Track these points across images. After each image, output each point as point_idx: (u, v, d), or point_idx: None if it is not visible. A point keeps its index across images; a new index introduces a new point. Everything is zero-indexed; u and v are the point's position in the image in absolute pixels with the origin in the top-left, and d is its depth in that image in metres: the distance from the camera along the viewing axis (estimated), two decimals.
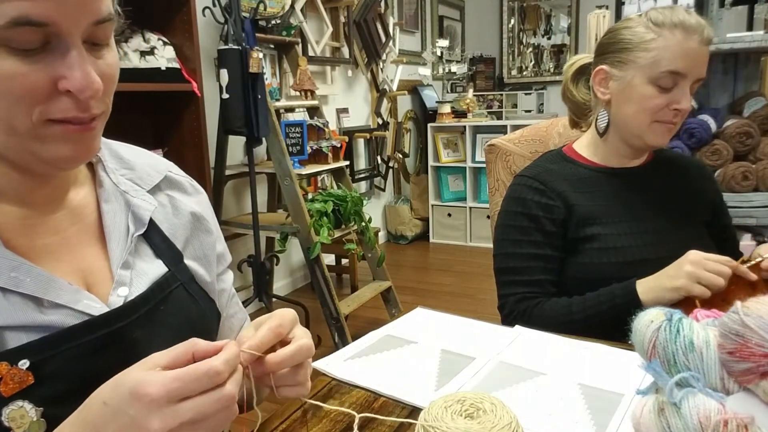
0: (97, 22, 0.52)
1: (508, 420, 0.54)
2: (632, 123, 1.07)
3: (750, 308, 0.48)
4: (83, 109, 0.53)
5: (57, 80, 0.51)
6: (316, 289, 2.73)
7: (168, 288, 0.67)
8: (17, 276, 0.54)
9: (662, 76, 1.01)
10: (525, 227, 1.12)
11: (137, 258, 0.66)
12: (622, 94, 1.07)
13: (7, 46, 0.48)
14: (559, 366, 0.79)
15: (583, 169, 1.16)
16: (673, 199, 1.13)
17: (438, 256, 4.43)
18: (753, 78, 2.34)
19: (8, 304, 0.54)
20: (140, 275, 0.65)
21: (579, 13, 5.13)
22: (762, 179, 2.06)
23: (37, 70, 0.50)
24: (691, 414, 0.49)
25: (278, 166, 2.63)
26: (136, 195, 0.69)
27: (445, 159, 4.70)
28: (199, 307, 0.70)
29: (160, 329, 0.64)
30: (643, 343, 0.56)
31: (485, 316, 1.00)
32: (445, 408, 0.57)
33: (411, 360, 0.83)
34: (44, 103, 0.51)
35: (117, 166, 0.70)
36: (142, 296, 0.63)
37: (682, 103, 1.01)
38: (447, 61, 5.03)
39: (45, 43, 0.50)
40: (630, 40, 1.04)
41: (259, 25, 2.73)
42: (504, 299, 1.13)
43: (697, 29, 0.99)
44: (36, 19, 0.48)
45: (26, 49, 0.49)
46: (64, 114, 0.52)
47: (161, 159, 0.77)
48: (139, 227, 0.67)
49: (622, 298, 0.98)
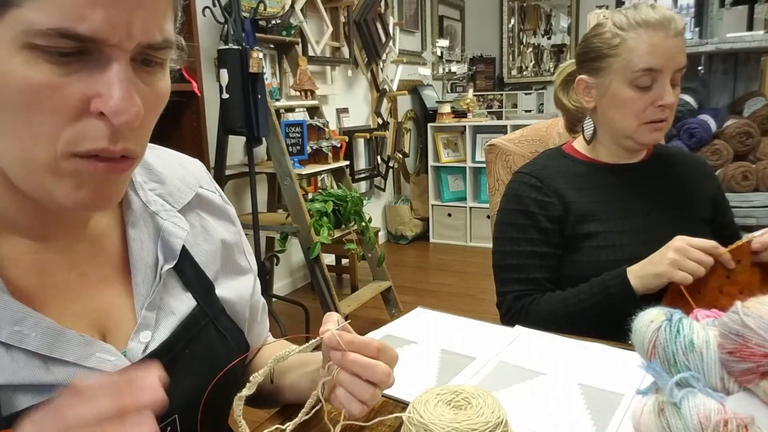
0: (150, 47, 0.45)
1: (497, 418, 0.53)
2: (620, 127, 1.08)
3: (750, 308, 0.48)
4: (115, 139, 0.45)
5: (90, 98, 0.43)
6: (316, 289, 2.73)
7: (196, 327, 0.61)
8: (21, 330, 0.48)
9: (637, 76, 1.02)
10: (522, 225, 1.12)
11: (164, 293, 0.59)
12: (605, 100, 1.08)
13: (42, 51, 0.41)
14: (559, 366, 0.79)
15: (582, 165, 1.16)
16: (673, 196, 1.13)
17: (438, 256, 4.43)
18: (753, 78, 2.34)
19: (11, 361, 0.48)
20: (167, 315, 0.59)
21: (579, 13, 5.13)
22: (762, 179, 2.06)
23: (71, 83, 0.43)
24: (691, 414, 0.49)
25: (278, 166, 2.63)
26: (166, 217, 0.62)
27: (445, 159, 4.70)
28: (227, 346, 0.64)
29: (181, 380, 0.57)
30: (643, 343, 0.56)
31: (485, 316, 1.00)
32: (436, 395, 0.57)
33: (411, 360, 0.83)
34: (72, 123, 0.43)
35: (146, 178, 0.63)
36: (166, 344, 0.57)
37: (665, 98, 1.02)
38: (447, 61, 5.03)
39: (84, 53, 0.43)
40: (600, 47, 1.06)
41: (259, 25, 2.73)
42: (502, 297, 1.13)
43: (661, 23, 1.00)
44: (82, 34, 0.41)
45: (62, 53, 0.42)
46: (92, 144, 0.44)
47: (190, 167, 0.70)
48: (169, 259, 0.60)
49: (615, 288, 0.99)
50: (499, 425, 0.53)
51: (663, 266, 0.93)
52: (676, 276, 0.92)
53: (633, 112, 1.04)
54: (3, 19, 0.41)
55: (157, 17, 0.45)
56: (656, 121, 1.04)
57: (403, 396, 0.72)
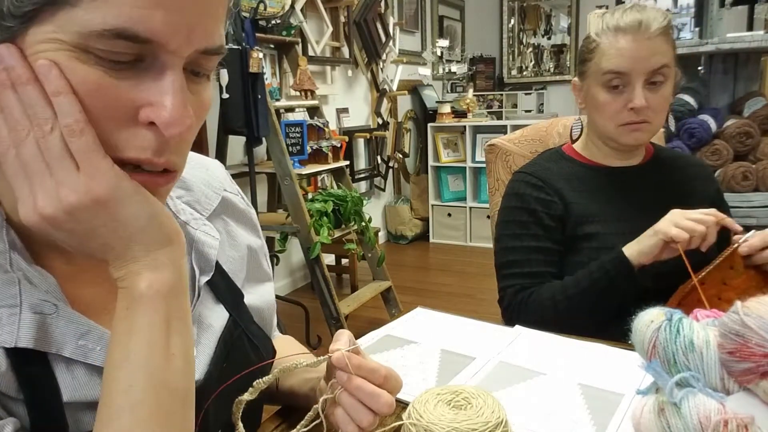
0: (207, 51, 0.43)
1: (497, 418, 0.53)
2: (602, 129, 1.11)
3: (750, 308, 0.48)
4: (161, 151, 0.43)
5: (140, 107, 0.41)
6: (316, 289, 2.73)
7: (231, 340, 0.59)
8: (86, 344, 0.46)
9: (607, 78, 1.05)
10: (524, 221, 1.12)
11: (201, 306, 0.58)
12: (587, 103, 1.12)
13: (95, 55, 0.39)
14: (559, 366, 0.79)
15: (581, 167, 1.16)
16: (671, 198, 1.13)
17: (438, 256, 4.43)
18: (753, 78, 2.34)
19: (72, 378, 0.46)
20: (206, 330, 0.57)
21: (579, 13, 5.13)
22: (762, 179, 2.06)
23: (121, 87, 0.40)
24: (691, 414, 0.49)
25: (278, 165, 2.63)
26: (197, 226, 0.59)
27: (445, 159, 4.70)
28: (259, 355, 0.63)
29: (225, 396, 0.56)
30: (643, 343, 0.56)
31: (485, 316, 1.00)
32: (437, 395, 0.57)
33: (411, 360, 0.83)
34: (118, 130, 0.41)
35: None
36: (214, 360, 0.56)
37: (635, 101, 1.03)
38: (447, 61, 5.02)
39: (137, 60, 0.40)
40: (583, 51, 1.11)
41: (259, 25, 2.73)
42: (503, 292, 1.13)
43: (631, 26, 1.02)
44: (142, 35, 0.39)
45: (115, 61, 0.39)
46: (136, 153, 0.42)
47: (213, 169, 0.67)
48: (206, 271, 0.58)
49: (611, 262, 1.00)
50: (499, 425, 0.53)
51: (659, 225, 0.95)
52: (671, 231, 0.92)
53: (608, 114, 1.07)
54: (55, 19, 0.38)
55: (216, 22, 0.44)
56: (631, 123, 1.05)
57: (403, 396, 0.72)
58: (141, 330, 0.43)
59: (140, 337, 0.42)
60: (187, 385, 0.45)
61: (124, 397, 0.41)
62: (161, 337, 0.43)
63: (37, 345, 0.44)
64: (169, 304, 0.44)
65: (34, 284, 0.46)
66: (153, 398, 0.42)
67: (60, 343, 0.46)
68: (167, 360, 0.43)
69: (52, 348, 0.45)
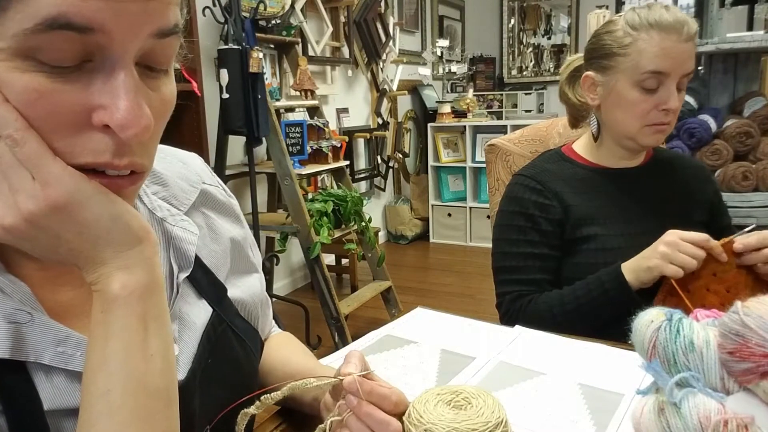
0: (160, 33, 0.40)
1: (497, 418, 0.53)
2: (623, 128, 1.07)
3: (750, 308, 0.48)
4: (121, 153, 0.41)
5: (92, 110, 0.39)
6: (316, 289, 2.73)
7: (215, 335, 0.59)
8: (65, 351, 0.46)
9: (644, 78, 1.01)
10: (522, 227, 1.12)
11: (181, 302, 0.57)
12: (609, 99, 1.07)
13: (35, 59, 0.37)
14: (559, 366, 0.79)
15: (581, 169, 1.16)
16: (671, 200, 1.13)
17: (438, 256, 4.43)
18: (753, 78, 2.34)
19: (52, 386, 0.45)
20: (188, 326, 0.57)
21: (579, 13, 5.13)
22: (762, 179, 2.06)
23: (66, 91, 0.38)
24: (691, 414, 0.49)
25: (278, 166, 2.63)
26: (174, 222, 0.59)
27: (445, 159, 4.70)
28: (246, 348, 0.63)
29: (211, 391, 0.56)
30: (643, 343, 0.56)
31: (485, 316, 1.00)
32: (437, 395, 0.57)
33: (411, 360, 0.83)
34: (70, 137, 0.39)
35: (149, 181, 0.59)
36: (197, 357, 0.55)
37: (670, 103, 1.01)
38: (447, 61, 5.03)
39: (84, 61, 0.38)
40: (610, 45, 1.05)
41: (259, 25, 2.73)
42: (501, 298, 1.13)
43: (674, 26, 0.99)
44: (79, 22, 0.36)
45: (61, 67, 0.37)
46: (93, 157, 0.40)
47: (190, 162, 0.66)
48: (184, 267, 0.57)
49: (610, 283, 0.99)
50: (499, 425, 0.53)
51: (654, 260, 0.93)
52: (667, 270, 0.91)
53: (637, 113, 1.04)
54: None
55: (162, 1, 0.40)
56: (659, 124, 1.04)
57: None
58: (117, 332, 0.42)
59: (117, 339, 0.42)
60: (169, 385, 0.44)
61: (103, 402, 0.41)
62: (138, 339, 0.43)
63: (13, 355, 0.44)
64: (145, 303, 0.43)
65: (7, 294, 0.45)
66: (132, 401, 0.41)
67: (38, 351, 0.45)
68: (146, 361, 0.43)
69: (30, 356, 0.45)
